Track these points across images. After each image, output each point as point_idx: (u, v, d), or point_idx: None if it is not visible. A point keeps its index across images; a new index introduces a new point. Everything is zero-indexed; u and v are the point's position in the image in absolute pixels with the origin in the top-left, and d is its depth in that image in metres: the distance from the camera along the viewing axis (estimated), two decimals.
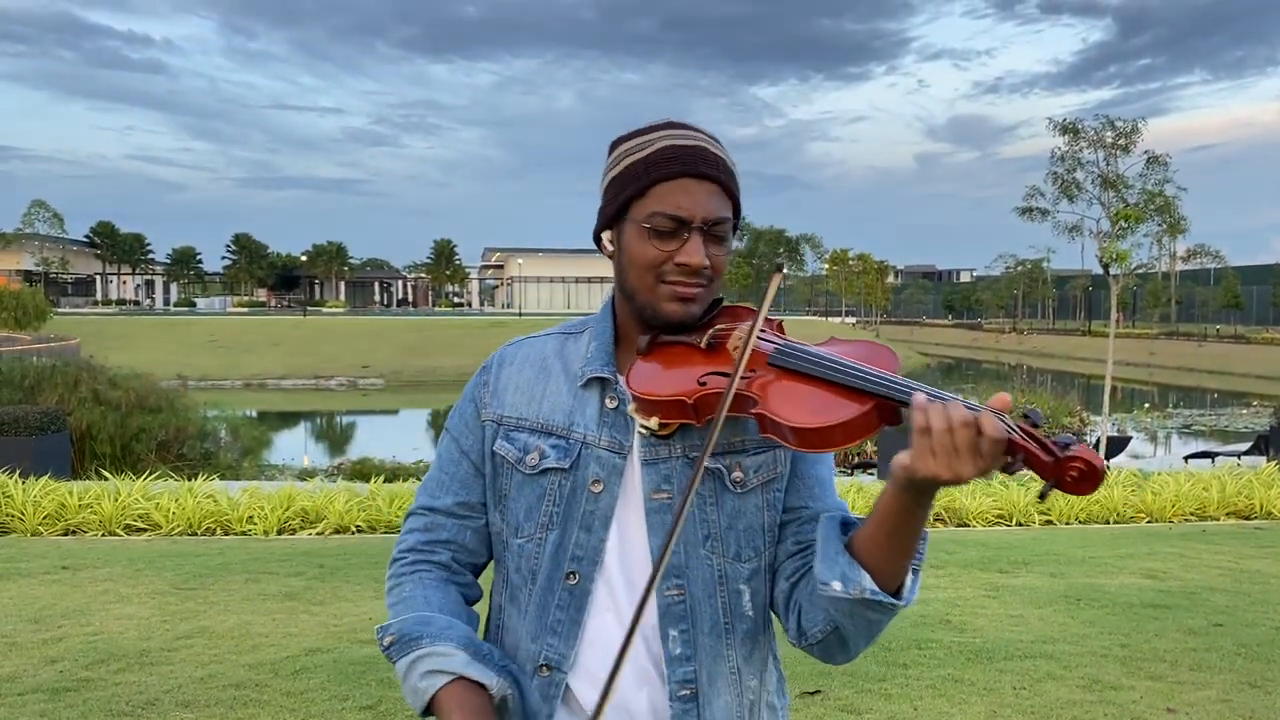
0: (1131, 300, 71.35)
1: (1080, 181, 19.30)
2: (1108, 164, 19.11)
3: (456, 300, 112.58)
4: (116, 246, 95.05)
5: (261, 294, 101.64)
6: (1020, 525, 10.24)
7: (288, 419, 34.06)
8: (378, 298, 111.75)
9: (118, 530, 9.06)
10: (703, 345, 1.42)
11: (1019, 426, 1.21)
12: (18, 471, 10.26)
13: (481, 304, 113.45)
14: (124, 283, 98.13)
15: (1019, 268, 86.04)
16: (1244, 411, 33.67)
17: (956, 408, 1.20)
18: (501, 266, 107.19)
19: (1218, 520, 10.56)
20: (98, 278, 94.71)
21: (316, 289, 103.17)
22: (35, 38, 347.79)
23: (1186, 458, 18.15)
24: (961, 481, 1.20)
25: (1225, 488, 11.10)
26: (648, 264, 1.40)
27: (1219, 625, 5.96)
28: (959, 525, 10.13)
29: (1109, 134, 19.04)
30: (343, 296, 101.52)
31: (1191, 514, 10.71)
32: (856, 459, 20.99)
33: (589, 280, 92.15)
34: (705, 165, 1.40)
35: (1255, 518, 10.68)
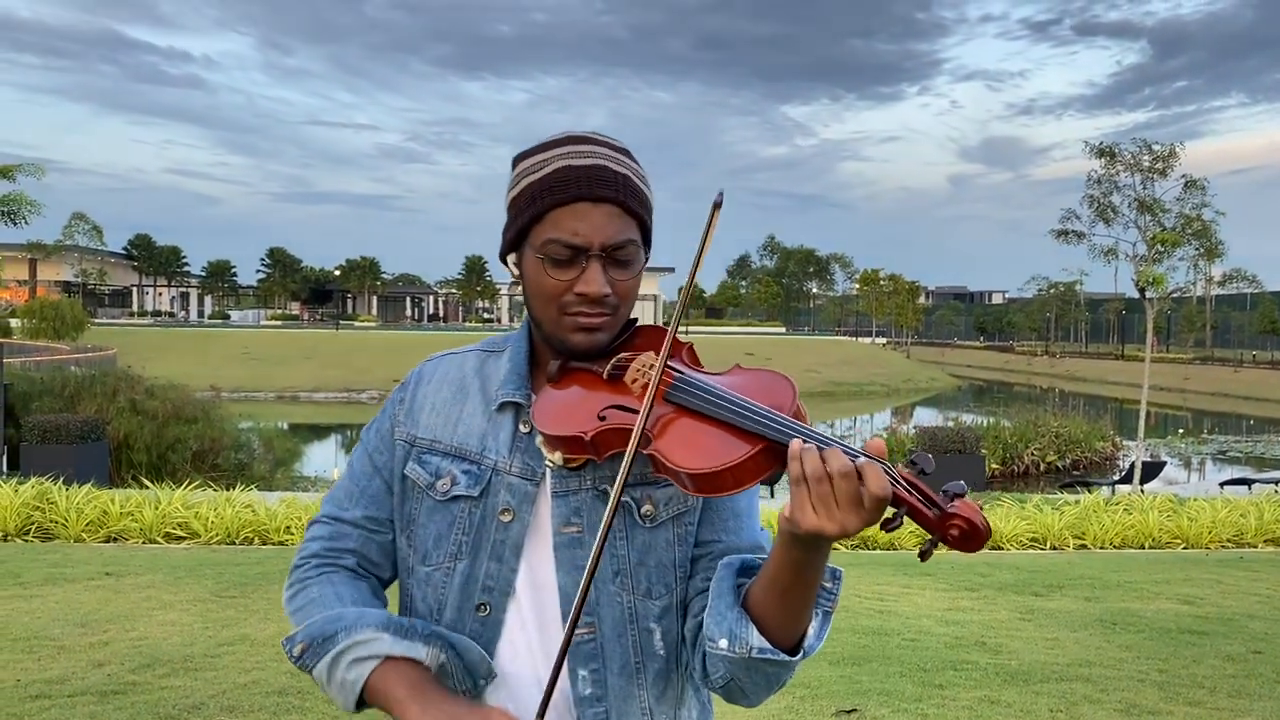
0: (1166, 324, 70.67)
1: (1116, 205, 19.21)
2: (1144, 187, 19.02)
3: (487, 316, 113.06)
4: (153, 259, 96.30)
5: (295, 307, 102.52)
6: (1054, 549, 10.19)
7: (319, 431, 34.32)
8: (409, 313, 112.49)
9: (158, 538, 9.21)
10: (605, 375, 1.35)
11: (902, 476, 1.14)
12: (61, 479, 10.43)
13: (511, 320, 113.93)
14: (160, 294, 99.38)
15: (1052, 290, 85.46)
16: None
17: (835, 455, 1.13)
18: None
19: (1255, 547, 10.46)
20: (134, 289, 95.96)
21: (349, 303, 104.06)
22: (78, 53, 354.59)
23: (1223, 484, 17.95)
24: (847, 534, 1.13)
25: (1263, 515, 11.00)
26: (548, 295, 1.34)
27: (1258, 652, 5.91)
28: (993, 548, 10.09)
29: (1146, 158, 18.96)
30: (375, 311, 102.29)
31: (1229, 540, 10.62)
32: None
33: None
34: (602, 186, 1.32)
35: None
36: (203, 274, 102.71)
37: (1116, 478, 19.75)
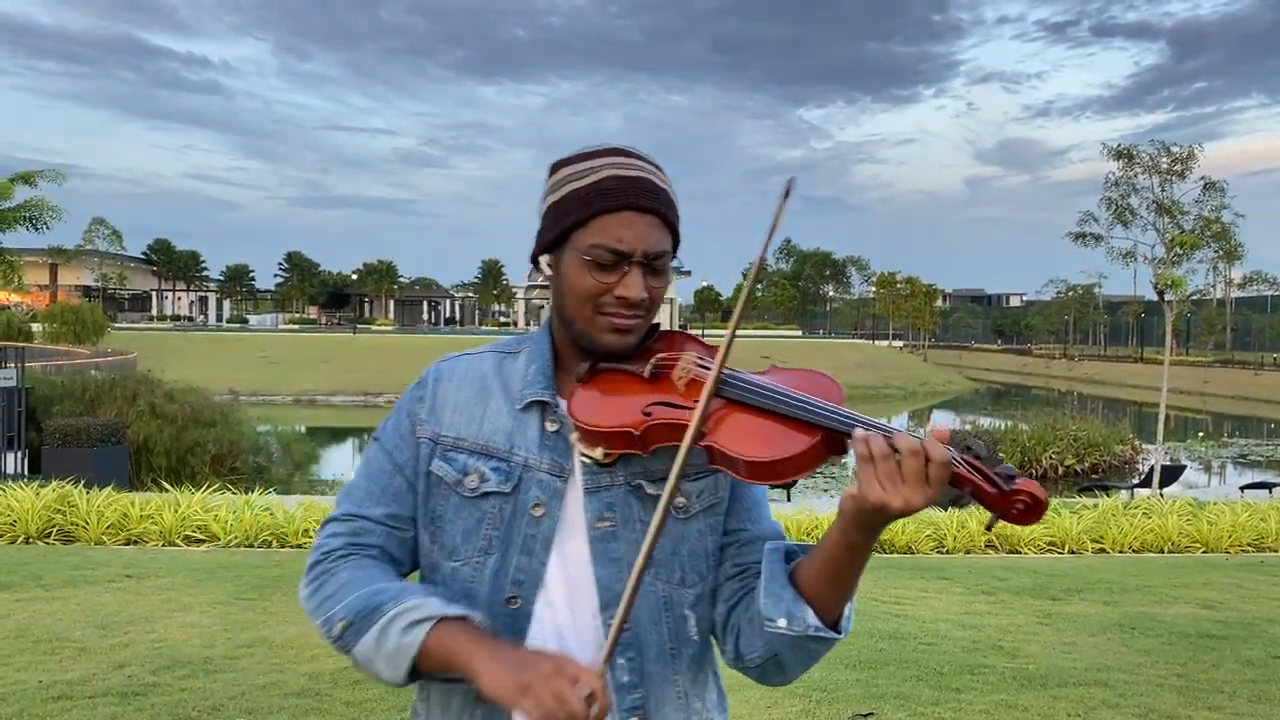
0: (1186, 327, 70.20)
1: (1134, 207, 19.14)
2: (1163, 189, 18.93)
3: (503, 319, 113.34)
4: (172, 263, 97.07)
5: (312, 311, 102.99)
6: (1073, 553, 10.14)
7: (337, 435, 34.46)
8: (426, 316, 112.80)
9: (177, 541, 9.27)
10: (646, 374, 1.42)
11: (963, 459, 1.24)
12: (82, 482, 10.51)
13: (528, 323, 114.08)
14: (179, 299, 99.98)
15: (1070, 293, 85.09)
16: None
17: (901, 436, 1.22)
18: (548, 286, 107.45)
19: (1276, 551, 10.38)
20: (154, 294, 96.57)
21: (366, 307, 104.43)
22: (98, 59, 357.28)
23: (1243, 488, 17.82)
24: (911, 509, 1.21)
25: None
26: (586, 294, 1.40)
27: (1278, 657, 5.87)
28: (1010, 552, 10.05)
29: (1164, 159, 18.88)
30: (392, 315, 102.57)
31: (1249, 545, 10.54)
32: None
33: None
34: (647, 198, 1.40)
35: None
36: (221, 278, 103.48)
37: (1135, 481, 19.65)
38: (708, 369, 1.38)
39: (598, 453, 1.39)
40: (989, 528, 1.31)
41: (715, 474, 1.45)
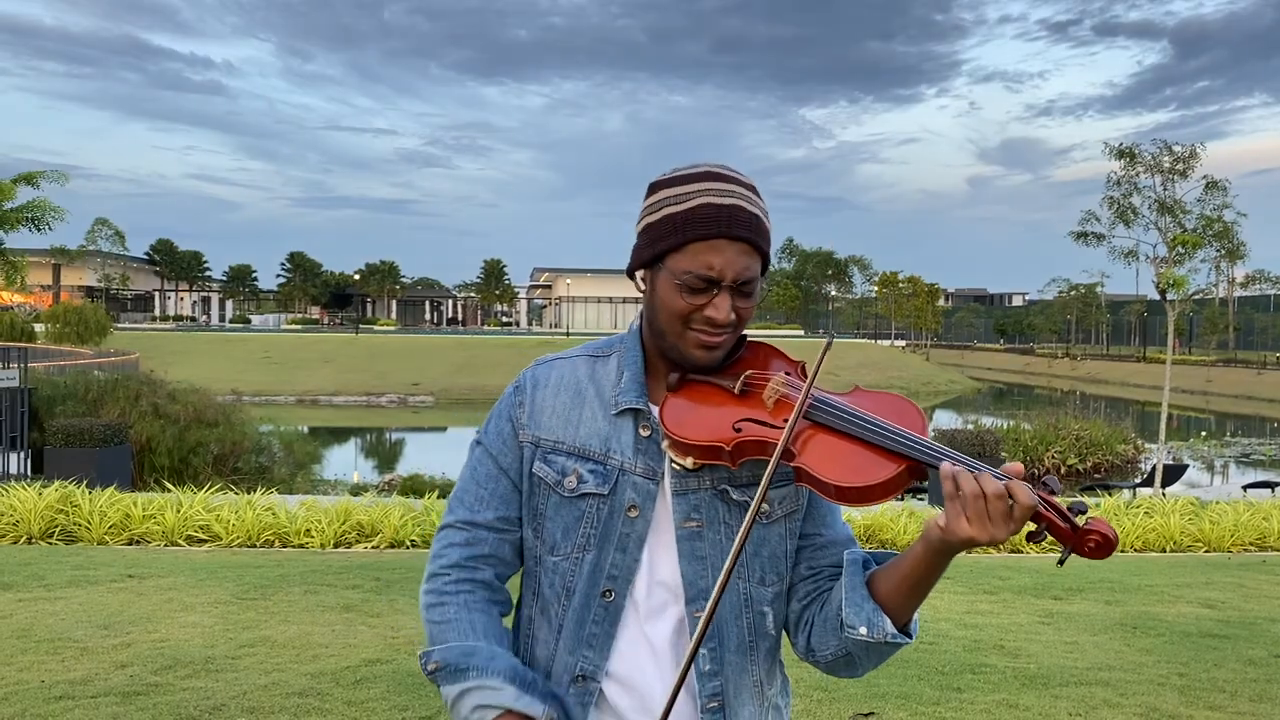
0: (1188, 326, 70.11)
1: (1136, 206, 19.11)
2: (1165, 189, 18.92)
3: (505, 320, 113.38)
4: (175, 264, 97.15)
5: (315, 311, 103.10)
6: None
7: (339, 435, 34.49)
8: (428, 316, 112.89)
9: (180, 541, 9.28)
10: (735, 390, 1.51)
11: (1040, 496, 1.31)
12: (85, 482, 10.53)
13: (530, 323, 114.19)
14: (182, 299, 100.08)
15: (1072, 292, 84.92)
16: None
17: (987, 479, 1.32)
18: (550, 286, 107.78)
19: (1278, 551, 10.37)
20: (156, 294, 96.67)
21: (369, 307, 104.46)
22: (101, 60, 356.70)
23: (1245, 487, 17.80)
24: (994, 542, 1.33)
25: None
26: (677, 313, 1.49)
27: None
28: (1012, 551, 10.04)
29: (1166, 159, 18.87)
30: (394, 315, 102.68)
31: (1251, 544, 10.53)
32: None
33: (636, 300, 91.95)
34: (740, 227, 1.47)
35: None
36: (224, 279, 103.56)
37: (1138, 481, 19.64)
38: (796, 390, 1.47)
39: (688, 461, 1.48)
40: (1061, 562, 1.37)
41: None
